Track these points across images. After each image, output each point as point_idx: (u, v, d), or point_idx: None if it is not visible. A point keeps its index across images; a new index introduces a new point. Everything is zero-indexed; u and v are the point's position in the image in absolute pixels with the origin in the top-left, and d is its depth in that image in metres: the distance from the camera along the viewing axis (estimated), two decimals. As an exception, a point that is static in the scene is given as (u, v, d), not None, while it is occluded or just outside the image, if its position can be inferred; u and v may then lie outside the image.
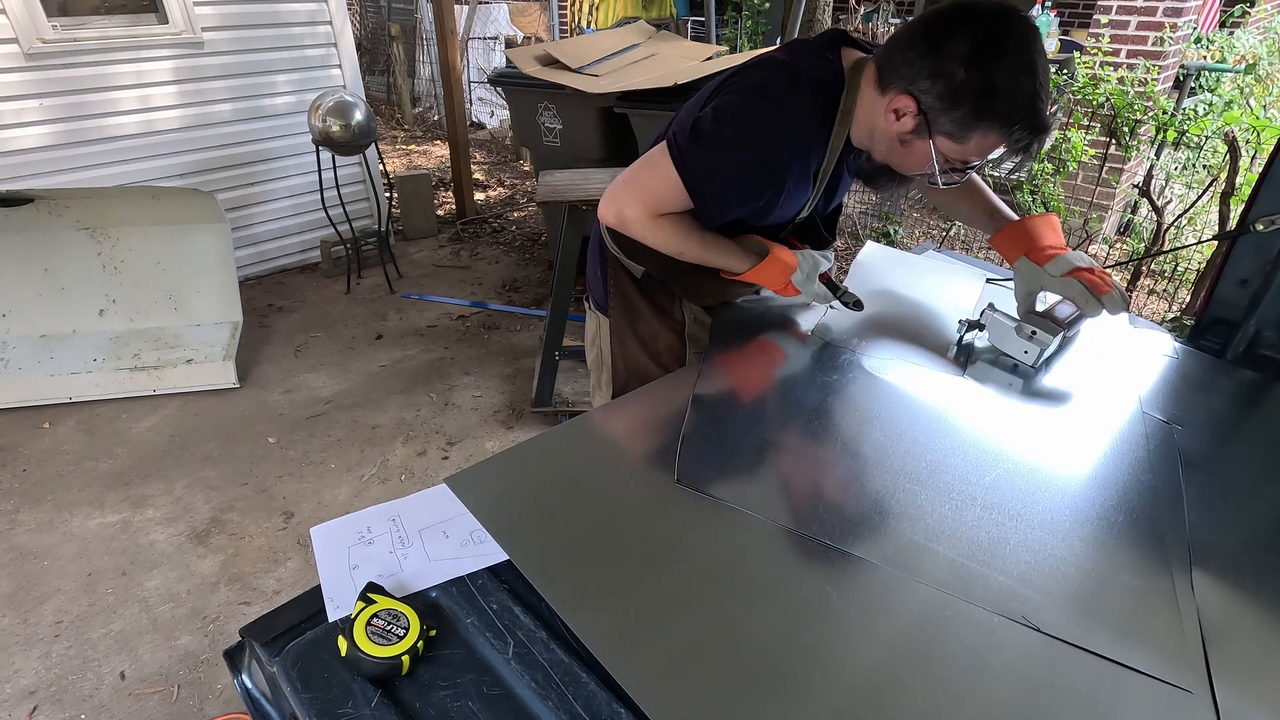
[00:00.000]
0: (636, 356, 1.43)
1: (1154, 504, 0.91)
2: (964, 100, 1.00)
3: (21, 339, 2.99)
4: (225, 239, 3.13)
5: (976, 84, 0.99)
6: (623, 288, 1.41)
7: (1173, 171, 3.68)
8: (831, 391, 1.13)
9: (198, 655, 1.92)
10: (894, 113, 1.06)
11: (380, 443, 2.75)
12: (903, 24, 1.14)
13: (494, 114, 7.07)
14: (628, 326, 1.43)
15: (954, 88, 0.99)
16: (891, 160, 1.15)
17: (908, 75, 1.03)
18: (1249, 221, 1.24)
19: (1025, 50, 0.99)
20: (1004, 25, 0.99)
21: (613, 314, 1.44)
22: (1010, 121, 1.01)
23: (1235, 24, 5.36)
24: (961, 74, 0.99)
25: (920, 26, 1.03)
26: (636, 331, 1.42)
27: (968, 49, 0.98)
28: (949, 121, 1.02)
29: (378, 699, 0.70)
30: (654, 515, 0.86)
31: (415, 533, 0.91)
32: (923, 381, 1.16)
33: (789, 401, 1.12)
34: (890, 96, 1.06)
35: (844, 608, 0.75)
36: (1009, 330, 1.21)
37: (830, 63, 1.11)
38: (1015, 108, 0.99)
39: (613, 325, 1.44)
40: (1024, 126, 1.01)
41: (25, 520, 2.35)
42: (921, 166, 1.11)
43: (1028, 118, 1.00)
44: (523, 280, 4.06)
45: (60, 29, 3.17)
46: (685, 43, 4.13)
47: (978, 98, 0.99)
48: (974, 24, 0.99)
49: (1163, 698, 0.67)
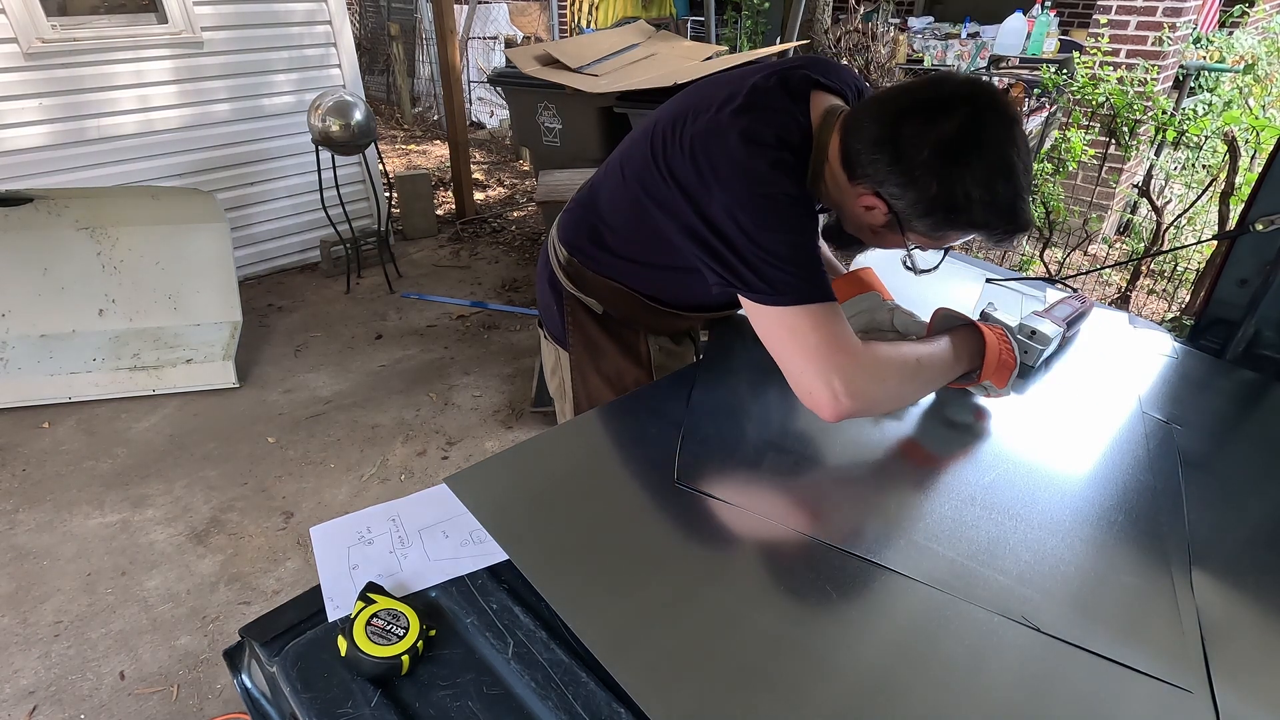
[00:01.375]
0: (601, 392, 1.32)
1: (1154, 504, 0.91)
2: (937, 211, 0.91)
3: (21, 339, 2.99)
4: (225, 239, 3.13)
5: (948, 198, 0.89)
6: (582, 324, 1.29)
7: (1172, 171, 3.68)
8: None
9: (197, 655, 1.92)
10: (863, 207, 0.98)
11: (380, 442, 2.75)
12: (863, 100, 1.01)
13: (494, 114, 7.06)
14: (590, 364, 1.32)
15: (926, 200, 0.90)
16: (862, 237, 1.08)
17: (874, 177, 0.93)
18: (1248, 221, 1.24)
19: (1001, 148, 0.88)
20: (976, 120, 0.88)
21: (573, 350, 1.32)
22: (991, 227, 0.92)
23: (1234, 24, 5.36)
24: (934, 187, 0.89)
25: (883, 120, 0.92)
26: (600, 369, 1.31)
27: (937, 157, 0.88)
28: (922, 225, 0.94)
29: (377, 699, 0.70)
30: (654, 515, 0.86)
31: (415, 533, 0.91)
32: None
33: (789, 401, 1.12)
34: (859, 190, 0.96)
35: (844, 608, 0.75)
36: (1010, 330, 1.21)
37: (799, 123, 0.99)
38: (993, 216, 0.90)
39: (574, 361, 1.33)
40: (1003, 230, 0.93)
41: (25, 520, 2.35)
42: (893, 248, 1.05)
43: (1005, 223, 0.91)
44: (522, 280, 4.06)
45: (59, 29, 3.17)
46: (685, 42, 4.13)
47: (951, 210, 0.90)
48: (943, 121, 0.88)
49: (1163, 698, 0.67)
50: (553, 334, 1.38)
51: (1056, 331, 1.20)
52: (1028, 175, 0.91)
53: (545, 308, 1.37)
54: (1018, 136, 0.90)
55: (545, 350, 1.44)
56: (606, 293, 1.24)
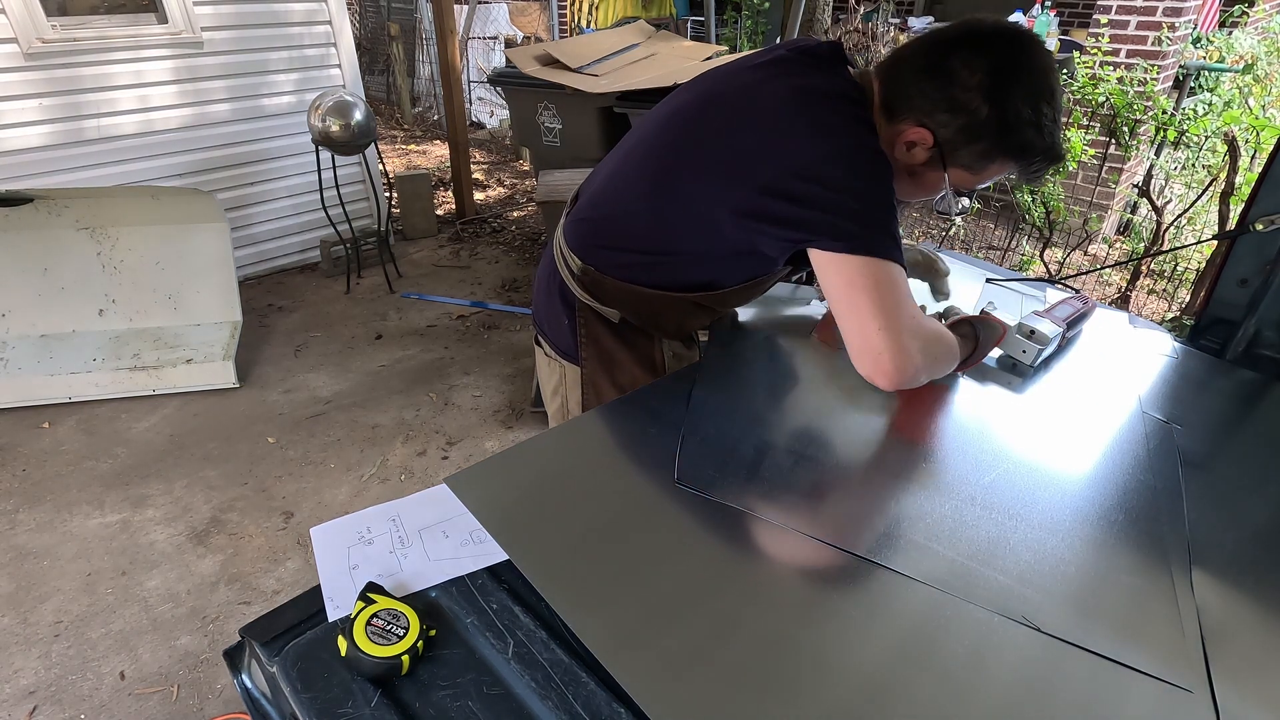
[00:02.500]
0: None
1: (1154, 504, 0.91)
2: (986, 135, 0.96)
3: (21, 339, 2.99)
4: (225, 239, 3.13)
5: (999, 117, 0.94)
6: (596, 336, 1.25)
7: (1172, 171, 3.68)
8: (831, 391, 1.13)
9: (197, 655, 1.92)
10: (906, 144, 1.01)
11: (380, 442, 2.75)
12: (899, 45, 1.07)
13: (494, 114, 7.06)
14: (605, 375, 1.28)
15: (976, 123, 0.95)
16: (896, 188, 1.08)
17: (922, 108, 0.97)
18: (1248, 221, 1.24)
19: (1046, 75, 0.95)
20: (1018, 48, 0.94)
21: (585, 364, 1.28)
22: (1032, 153, 0.98)
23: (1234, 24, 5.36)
24: (984, 109, 0.94)
25: (929, 54, 0.97)
26: (615, 380, 1.27)
27: (987, 79, 0.93)
28: (968, 154, 0.98)
29: (377, 699, 0.70)
30: (654, 515, 0.86)
31: (415, 533, 0.91)
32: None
33: (789, 402, 1.12)
34: (903, 128, 1.00)
35: (844, 608, 0.75)
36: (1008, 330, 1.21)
37: (851, 82, 1.03)
38: (1039, 138, 0.96)
39: (585, 375, 1.29)
40: (1043, 159, 0.98)
41: (25, 520, 2.35)
42: (930, 192, 1.07)
43: (1049, 149, 0.97)
44: (522, 280, 4.06)
45: (60, 29, 3.17)
46: (685, 42, 4.13)
47: (1001, 132, 0.95)
48: (987, 50, 0.94)
49: (1163, 697, 0.67)
50: (560, 349, 1.31)
51: (1056, 331, 1.20)
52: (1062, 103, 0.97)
53: (551, 322, 1.31)
54: (1054, 65, 0.96)
55: (546, 370, 1.38)
56: (626, 296, 1.19)
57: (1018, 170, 1.01)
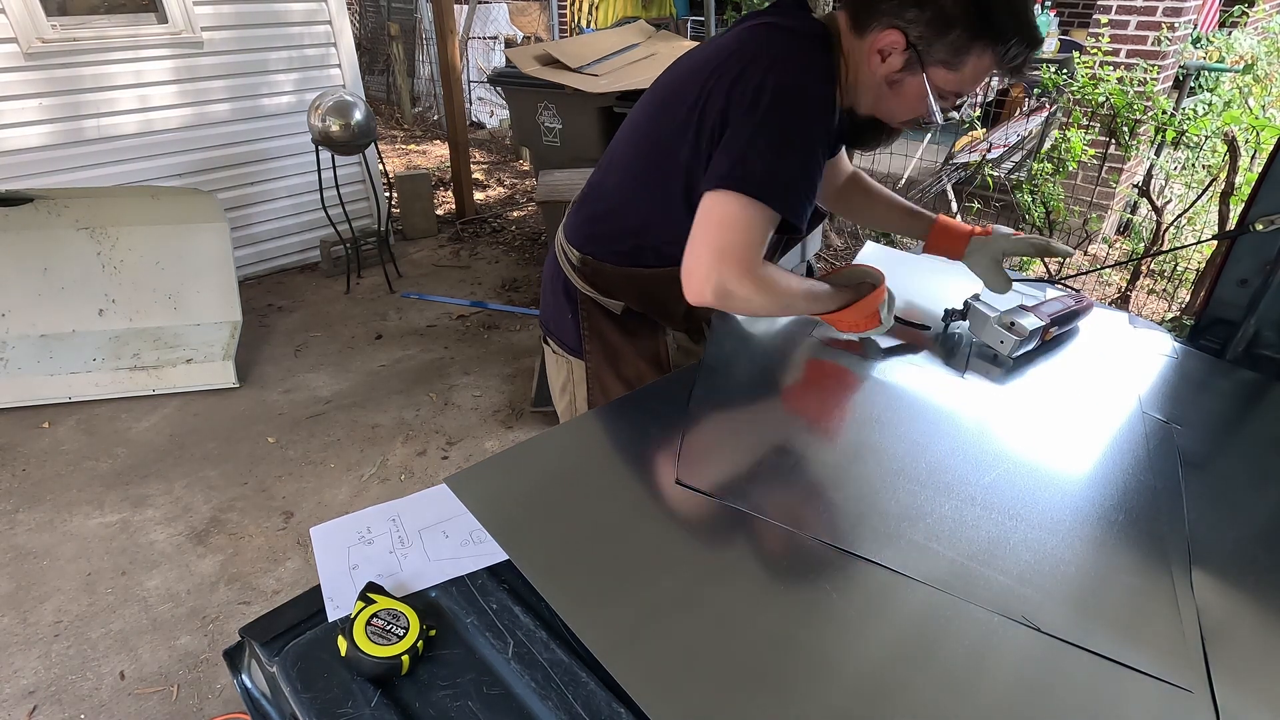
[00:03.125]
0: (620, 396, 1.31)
1: (1154, 504, 0.91)
2: (957, 21, 0.96)
3: (21, 338, 2.99)
4: (225, 239, 3.13)
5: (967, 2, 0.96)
6: (599, 329, 1.27)
7: (1172, 171, 3.68)
8: (831, 391, 1.13)
9: (197, 655, 1.92)
10: (879, 54, 1.02)
11: (380, 442, 2.75)
12: None
13: (494, 114, 7.07)
14: (609, 369, 1.29)
15: (945, 11, 0.96)
16: (880, 109, 1.09)
17: (889, 9, 0.99)
18: (1248, 221, 1.24)
19: None
20: None
21: (589, 358, 1.30)
22: (1006, 37, 0.98)
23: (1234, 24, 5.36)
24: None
25: None
26: (620, 374, 1.29)
27: None
28: (942, 47, 0.98)
29: (377, 699, 0.70)
30: (654, 515, 0.86)
31: (415, 533, 0.91)
32: (923, 381, 1.16)
33: (789, 401, 1.12)
34: (873, 37, 1.01)
35: (844, 608, 0.75)
36: (988, 319, 1.21)
37: (815, 20, 1.06)
38: (1010, 20, 0.97)
39: (590, 370, 1.30)
40: (1019, 41, 0.99)
41: (25, 520, 2.35)
42: (914, 106, 1.06)
43: (1022, 30, 0.98)
44: (522, 280, 4.06)
45: (60, 28, 3.17)
46: (685, 42, 4.13)
47: (970, 16, 0.96)
48: None
49: (1163, 697, 0.67)
50: (566, 345, 1.33)
51: (1036, 325, 1.19)
52: None
53: (557, 319, 1.33)
54: None
55: (555, 367, 1.39)
56: (626, 282, 1.21)
57: (996, 62, 1.01)
